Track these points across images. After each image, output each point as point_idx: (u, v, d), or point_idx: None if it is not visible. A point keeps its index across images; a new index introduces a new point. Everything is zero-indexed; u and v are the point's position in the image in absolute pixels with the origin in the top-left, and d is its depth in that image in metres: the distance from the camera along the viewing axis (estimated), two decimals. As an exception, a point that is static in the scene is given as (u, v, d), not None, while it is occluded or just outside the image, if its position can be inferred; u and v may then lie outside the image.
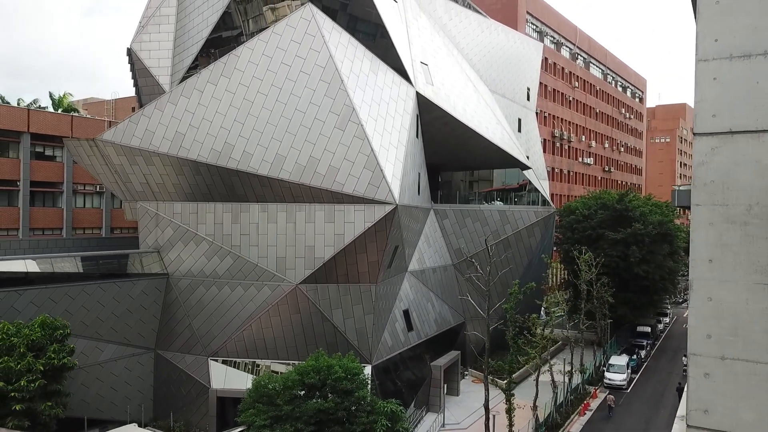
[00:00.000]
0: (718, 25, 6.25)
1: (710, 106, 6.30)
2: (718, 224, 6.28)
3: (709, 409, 6.33)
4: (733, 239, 6.20)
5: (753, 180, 6.10)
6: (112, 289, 30.77)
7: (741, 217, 6.16)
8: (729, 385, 6.22)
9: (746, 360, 6.13)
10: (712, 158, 6.32)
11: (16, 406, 22.94)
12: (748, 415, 6.12)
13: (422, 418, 35.27)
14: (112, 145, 32.10)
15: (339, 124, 29.01)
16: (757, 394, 6.07)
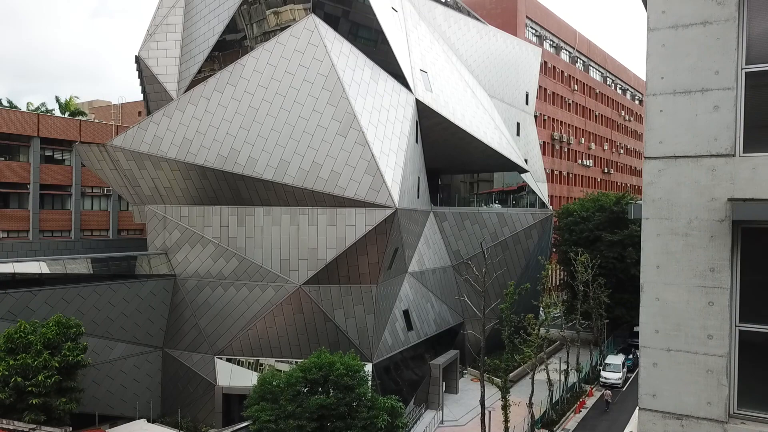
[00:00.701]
0: (664, 65, 7.34)
1: (657, 134, 7.39)
2: (664, 235, 7.37)
3: (657, 394, 7.41)
4: (676, 248, 7.29)
5: (692, 198, 7.18)
6: (121, 290, 31.89)
7: (683, 229, 7.24)
8: (673, 372, 7.30)
9: (687, 351, 7.21)
10: (658, 179, 7.41)
11: (34, 401, 24.05)
12: (689, 398, 7.20)
13: (421, 415, 36.32)
14: (121, 150, 33.23)
15: (341, 131, 30.10)
16: (696, 380, 7.15)
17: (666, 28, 7.40)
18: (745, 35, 7.10)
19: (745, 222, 6.91)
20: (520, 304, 36.73)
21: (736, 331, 7.25)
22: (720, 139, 7.09)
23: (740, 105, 7.11)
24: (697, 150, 7.23)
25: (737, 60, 7.05)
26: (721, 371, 7.07)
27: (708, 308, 7.14)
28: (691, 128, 7.24)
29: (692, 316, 7.24)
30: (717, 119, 7.10)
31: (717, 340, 7.09)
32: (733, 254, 7.10)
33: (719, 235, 7.09)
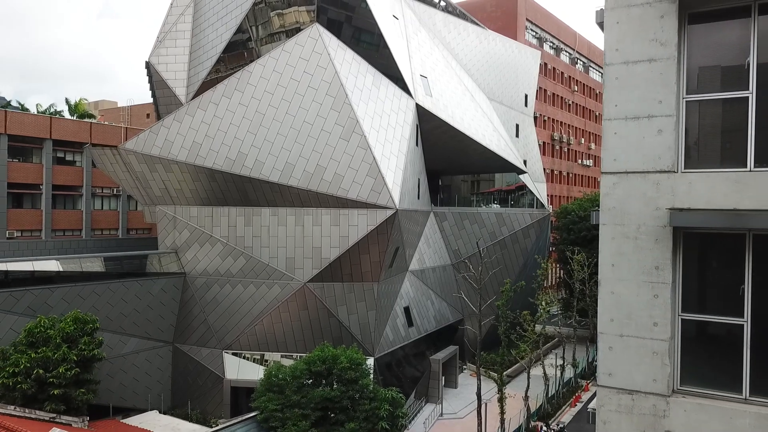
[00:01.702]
0: (617, 95, 8.69)
1: (612, 153, 8.74)
2: (618, 238, 8.71)
3: (612, 373, 8.76)
4: (627, 249, 8.63)
5: (640, 207, 8.52)
6: (134, 287, 33.32)
7: (633, 233, 8.59)
8: (625, 355, 8.65)
9: (636, 337, 8.56)
10: (613, 191, 8.75)
11: (54, 391, 25.46)
12: (638, 376, 8.55)
13: (421, 408, 37.67)
14: (133, 153, 34.64)
15: (344, 135, 31.45)
16: (645, 361, 8.51)
17: (619, 63, 8.75)
18: (684, 70, 8.43)
19: (683, 228, 8.22)
20: (517, 301, 38.09)
21: (678, 320, 8.59)
22: (663, 158, 8.43)
23: (681, 129, 8.44)
24: (644, 167, 8.56)
25: (678, 91, 8.38)
26: (664, 353, 8.41)
27: (653, 300, 8.48)
28: (640, 148, 8.57)
29: (641, 307, 8.58)
30: (661, 141, 8.44)
31: (661, 327, 8.43)
32: (675, 255, 8.44)
33: (663, 239, 8.42)
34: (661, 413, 8.43)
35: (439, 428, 35.63)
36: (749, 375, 8.15)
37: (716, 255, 8.66)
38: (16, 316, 28.48)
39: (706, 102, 8.45)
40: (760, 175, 7.85)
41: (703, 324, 8.60)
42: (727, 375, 8.38)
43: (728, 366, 8.43)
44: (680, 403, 8.35)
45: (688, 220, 8.04)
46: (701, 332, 8.66)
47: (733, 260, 8.38)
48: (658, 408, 8.46)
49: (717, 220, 7.86)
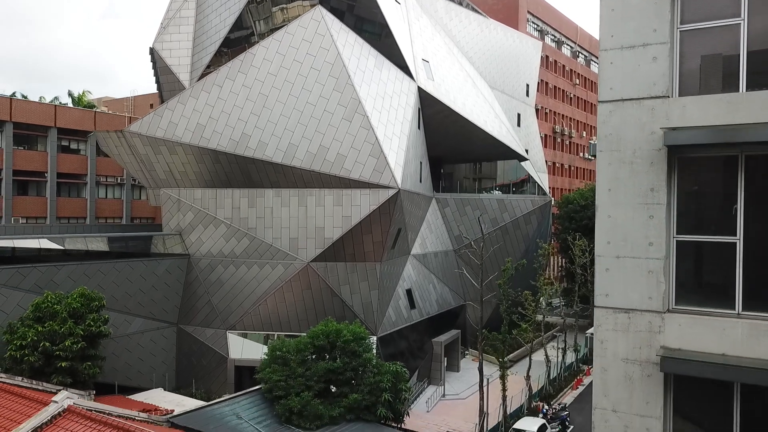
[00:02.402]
0: (613, 26, 9.00)
1: (608, 83, 9.05)
2: (614, 164, 9.03)
3: (609, 293, 9.08)
4: (623, 174, 8.95)
5: (636, 133, 8.84)
6: (139, 267, 33.66)
7: (628, 158, 8.91)
8: (621, 275, 8.97)
9: (632, 257, 8.87)
10: (609, 118, 9.07)
11: (61, 364, 25.80)
12: (634, 295, 8.87)
13: (424, 390, 37.97)
14: (138, 136, 34.99)
15: (346, 116, 31.77)
16: (640, 280, 8.82)
17: (615, -5, 9.05)
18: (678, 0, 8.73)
19: (677, 148, 8.52)
20: (518, 282, 38.34)
21: (673, 242, 8.90)
22: (658, 84, 8.74)
23: (675, 56, 8.75)
24: (639, 93, 8.87)
25: (672, 20, 8.69)
26: (659, 271, 8.73)
27: (649, 221, 8.80)
28: (635, 76, 8.89)
29: (636, 229, 8.89)
30: (655, 68, 8.75)
31: (656, 247, 8.75)
32: (669, 177, 8.75)
33: (657, 162, 8.74)
34: (656, 329, 8.73)
35: (442, 408, 35.91)
36: (742, 291, 8.45)
37: (709, 177, 8.96)
38: (22, 293, 28.83)
39: (699, 30, 8.75)
40: (752, 95, 8.15)
41: (697, 244, 8.90)
42: (721, 292, 8.68)
43: (721, 284, 8.74)
44: (675, 319, 8.65)
45: (681, 138, 8.34)
46: (695, 252, 8.96)
47: (726, 181, 8.68)
48: (653, 325, 8.76)
49: (710, 136, 8.16)
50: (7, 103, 45.54)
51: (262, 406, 25.59)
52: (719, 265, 8.76)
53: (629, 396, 8.92)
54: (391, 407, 25.42)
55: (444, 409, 35.72)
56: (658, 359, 8.60)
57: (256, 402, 25.87)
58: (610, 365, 9.06)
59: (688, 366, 8.29)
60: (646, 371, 8.78)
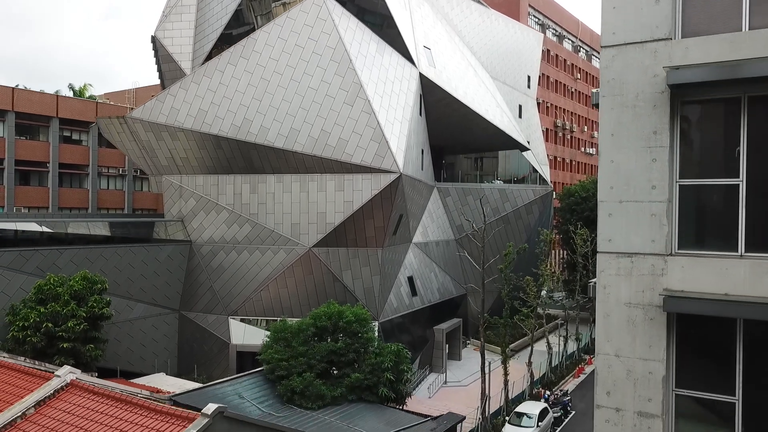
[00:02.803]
0: (616, -31, 8.95)
1: (610, 27, 9.05)
2: (617, 108, 9.02)
3: (612, 238, 9.08)
4: (626, 118, 8.95)
5: (639, 76, 8.84)
6: (141, 253, 33.70)
7: (631, 102, 8.91)
8: (624, 220, 8.97)
9: (635, 201, 8.87)
10: (612, 63, 9.07)
11: (64, 345, 25.84)
12: (637, 238, 8.86)
13: (425, 377, 37.98)
14: (140, 121, 35.03)
15: (348, 100, 31.79)
16: (642, 224, 8.82)
17: (616, -61, 9.04)
18: (681, -59, 8.72)
19: (678, 88, 8.50)
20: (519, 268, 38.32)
21: (676, 186, 8.89)
22: (661, 27, 8.74)
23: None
24: (642, 37, 8.87)
25: (675, -38, 8.67)
26: (662, 214, 8.72)
27: (652, 164, 8.79)
28: (638, 19, 8.88)
29: (639, 172, 8.88)
30: (658, 11, 8.75)
31: (659, 190, 8.74)
32: (672, 120, 8.74)
33: (660, 104, 8.73)
34: (659, 272, 8.73)
35: (444, 394, 35.93)
36: (744, 233, 8.44)
37: (712, 119, 8.96)
38: (25, 276, 28.87)
39: (701, -27, 8.73)
40: (755, 34, 8.15)
41: (700, 187, 8.89)
42: (723, 235, 8.68)
43: (724, 226, 8.73)
44: (677, 261, 8.65)
45: (684, 77, 8.33)
46: (698, 195, 8.94)
47: (729, 124, 8.68)
48: (656, 268, 8.75)
49: (712, 73, 8.15)
50: (9, 93, 45.62)
51: (264, 387, 25.59)
52: (722, 208, 8.75)
53: (632, 340, 8.92)
54: (393, 387, 25.42)
55: (445, 396, 35.72)
56: (660, 302, 8.59)
57: (258, 383, 25.88)
58: (613, 310, 9.06)
59: (691, 304, 8.28)
60: (648, 315, 8.77)
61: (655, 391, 8.77)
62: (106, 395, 18.64)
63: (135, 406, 17.59)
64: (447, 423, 24.17)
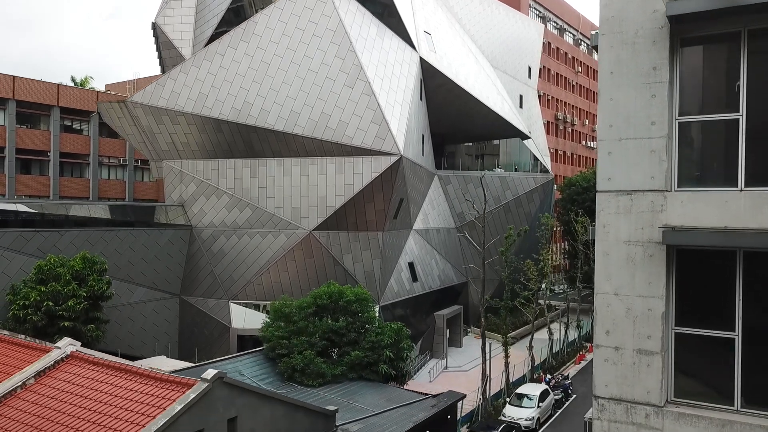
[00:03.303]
0: None
1: (609, -35, 8.97)
2: (616, 46, 8.99)
3: (611, 177, 9.05)
4: (626, 55, 8.92)
5: (638, 13, 8.82)
6: (141, 236, 33.70)
7: (630, 39, 8.87)
8: (624, 158, 8.94)
9: (635, 138, 8.85)
10: (611, 1, 8.99)
11: (64, 323, 25.84)
12: (636, 176, 8.84)
13: (426, 362, 37.96)
14: (140, 106, 35.04)
15: (348, 82, 31.77)
16: (642, 161, 8.79)
17: None
18: None
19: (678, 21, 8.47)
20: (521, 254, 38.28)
21: (675, 123, 8.86)
22: (660, -38, 8.68)
23: (677, -66, 8.69)
24: (641, -28, 8.83)
25: None
26: (662, 150, 8.69)
27: (651, 100, 8.75)
28: (638, -45, 8.84)
29: (638, 109, 8.85)
30: (657, -55, 8.69)
31: (658, 126, 8.71)
32: (672, 54, 8.70)
33: (660, 40, 8.69)
34: (658, 208, 8.69)
35: (444, 378, 35.88)
36: (744, 167, 8.40)
37: (712, 54, 8.92)
38: (25, 257, 28.89)
39: None
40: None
41: (700, 124, 8.86)
42: (724, 170, 8.65)
43: (724, 161, 8.70)
44: (677, 197, 8.61)
45: (685, 6, 8.29)
46: (697, 131, 8.92)
47: (729, 59, 8.64)
48: (655, 204, 8.72)
49: (713, 2, 8.11)
50: (9, 81, 45.64)
51: (264, 365, 25.60)
52: (722, 143, 8.72)
53: (631, 278, 8.89)
54: (393, 365, 25.40)
55: (446, 380, 35.66)
56: (660, 238, 8.56)
57: (259, 361, 25.88)
58: (612, 249, 9.02)
59: (691, 236, 8.26)
60: (648, 251, 8.74)
61: (655, 327, 8.74)
62: (106, 365, 18.64)
63: (135, 375, 17.60)
64: (447, 400, 24.14)
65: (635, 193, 8.87)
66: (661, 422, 8.70)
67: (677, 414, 8.62)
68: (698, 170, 8.91)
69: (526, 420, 28.13)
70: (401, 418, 21.77)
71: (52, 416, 16.33)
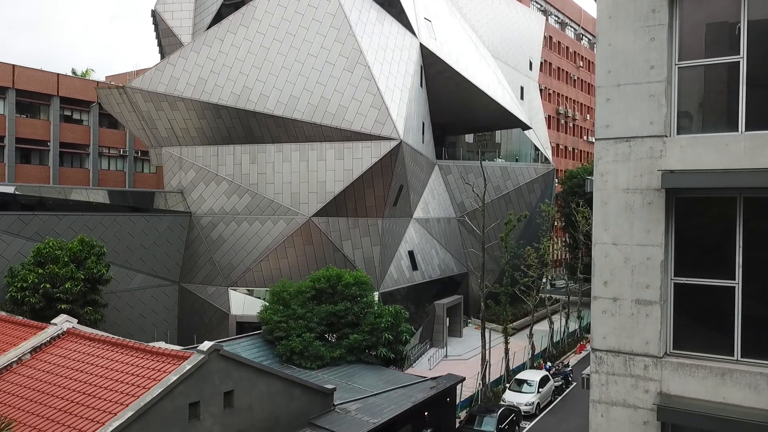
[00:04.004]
0: None
1: None
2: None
3: (610, 124, 8.91)
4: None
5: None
6: (140, 222, 33.59)
7: (629, -18, 8.65)
8: (622, 104, 8.80)
9: (633, 83, 8.69)
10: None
11: (62, 306, 25.72)
12: (635, 122, 8.69)
13: (426, 351, 37.78)
14: (140, 91, 34.93)
15: (347, 67, 31.62)
16: (639, 106, 8.64)
17: None
18: None
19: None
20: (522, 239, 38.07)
21: (675, 69, 8.69)
22: None
23: None
24: None
25: None
26: (661, 95, 8.53)
27: (650, 44, 8.59)
28: None
29: (637, 53, 8.69)
30: None
31: (657, 70, 8.55)
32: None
33: (659, -18, 8.52)
34: (657, 154, 8.53)
35: (444, 366, 35.64)
36: (745, 112, 8.23)
37: None
38: (24, 241, 28.78)
39: None
40: None
41: (700, 67, 8.69)
42: (724, 114, 8.49)
43: (725, 105, 8.54)
44: (677, 141, 8.45)
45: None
46: (697, 77, 8.75)
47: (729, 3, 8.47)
48: (654, 150, 8.56)
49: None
50: (9, 70, 45.51)
51: (263, 348, 25.48)
52: (722, 87, 8.55)
53: (630, 227, 8.73)
54: (392, 348, 25.25)
55: (446, 368, 35.42)
56: (658, 184, 8.40)
57: (257, 344, 25.77)
58: (610, 197, 8.87)
59: (690, 178, 8.10)
60: (647, 199, 8.58)
61: (654, 277, 8.58)
62: (102, 341, 18.55)
63: (131, 349, 17.50)
64: (446, 382, 24.00)
65: (634, 139, 8.71)
66: (660, 373, 8.54)
67: (676, 364, 8.46)
68: (698, 114, 8.74)
69: (526, 405, 27.96)
70: (400, 398, 21.63)
71: (47, 389, 16.21)
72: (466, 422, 24.96)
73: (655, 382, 8.53)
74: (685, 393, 8.27)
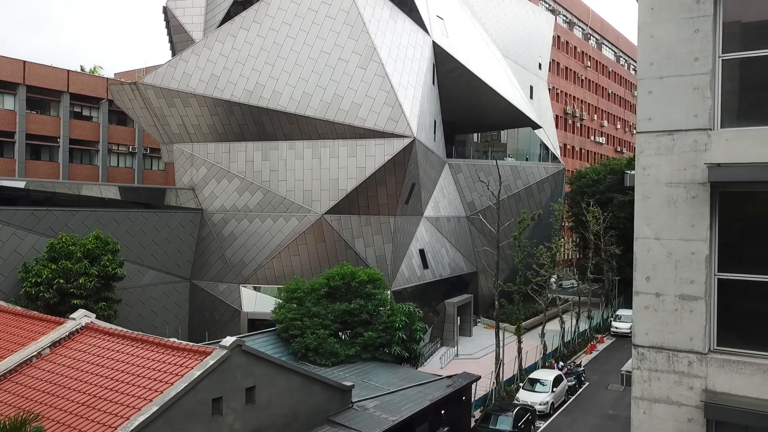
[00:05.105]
0: None
1: None
2: (657, -18, 8.65)
3: (652, 117, 8.78)
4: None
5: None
6: (152, 219, 33.56)
7: (674, -27, 8.53)
8: (665, 96, 8.67)
9: (677, 75, 8.57)
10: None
11: (75, 301, 25.69)
12: (678, 115, 8.56)
13: (436, 350, 37.70)
14: (152, 87, 34.90)
15: (361, 64, 31.53)
16: (683, 98, 8.51)
17: None
18: None
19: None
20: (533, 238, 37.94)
21: (719, 61, 8.57)
22: None
23: None
24: None
25: None
26: (705, 87, 8.41)
27: (694, 35, 8.47)
28: None
29: (680, 45, 8.57)
30: None
31: (701, 61, 8.43)
32: (716, -11, 8.40)
33: (704, -27, 8.40)
34: (702, 147, 8.41)
35: (455, 365, 35.56)
36: (792, 104, 8.11)
37: (758, -12, 8.62)
38: (37, 236, 28.77)
39: None
40: None
41: (745, 61, 8.57)
42: None
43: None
44: (722, 134, 8.33)
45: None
46: (741, 69, 8.63)
47: (776, -8, 8.35)
48: (699, 143, 8.44)
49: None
50: (20, 66, 45.55)
51: (277, 344, 25.40)
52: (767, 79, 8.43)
53: (673, 221, 8.61)
54: (406, 346, 25.15)
55: (457, 367, 35.32)
56: (703, 178, 8.28)
57: (272, 341, 25.70)
58: (653, 191, 8.75)
59: (737, 171, 7.98)
60: (690, 192, 8.46)
61: (698, 272, 8.46)
62: (121, 336, 18.51)
63: (152, 345, 17.45)
64: (462, 381, 23.90)
65: (677, 132, 8.59)
66: (705, 370, 8.42)
67: (722, 361, 8.34)
68: (743, 107, 8.62)
69: (540, 404, 27.84)
70: (417, 396, 21.53)
71: (68, 383, 16.16)
72: (482, 421, 24.87)
73: (700, 378, 8.41)
74: (732, 390, 8.16)
